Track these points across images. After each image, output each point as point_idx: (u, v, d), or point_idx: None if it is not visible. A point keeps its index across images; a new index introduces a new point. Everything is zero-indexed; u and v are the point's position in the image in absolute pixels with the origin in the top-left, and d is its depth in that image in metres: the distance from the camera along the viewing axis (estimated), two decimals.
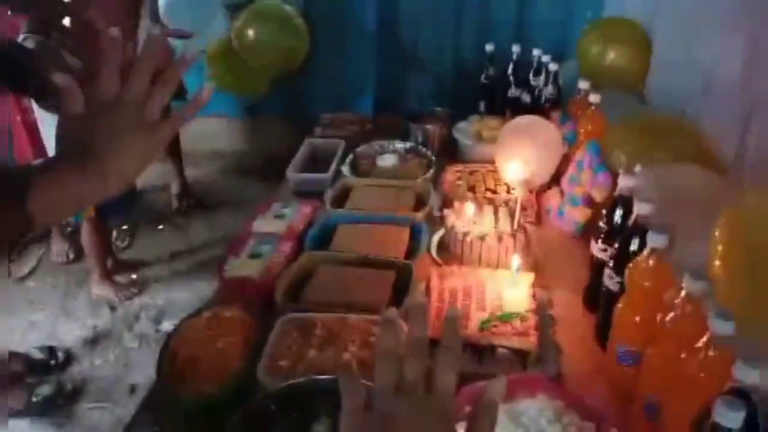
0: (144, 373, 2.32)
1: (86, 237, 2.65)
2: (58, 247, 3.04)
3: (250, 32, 2.73)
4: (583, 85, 1.76)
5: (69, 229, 2.99)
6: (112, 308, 2.75)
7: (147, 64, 0.68)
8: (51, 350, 2.46)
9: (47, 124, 2.28)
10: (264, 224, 1.61)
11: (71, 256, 3.02)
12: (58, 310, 2.75)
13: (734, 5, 1.53)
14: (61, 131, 0.71)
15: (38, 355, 2.42)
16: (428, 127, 2.16)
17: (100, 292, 2.78)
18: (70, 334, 2.62)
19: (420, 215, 1.60)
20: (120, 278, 2.88)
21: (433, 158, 1.94)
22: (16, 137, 2.77)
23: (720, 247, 0.88)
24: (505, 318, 1.20)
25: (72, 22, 1.61)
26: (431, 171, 1.86)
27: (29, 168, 0.66)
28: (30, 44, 1.87)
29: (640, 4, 2.28)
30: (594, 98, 1.65)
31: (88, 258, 2.75)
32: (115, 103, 0.66)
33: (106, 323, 2.68)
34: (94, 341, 2.59)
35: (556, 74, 1.96)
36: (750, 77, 1.44)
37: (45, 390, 2.28)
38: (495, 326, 1.18)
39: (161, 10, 2.88)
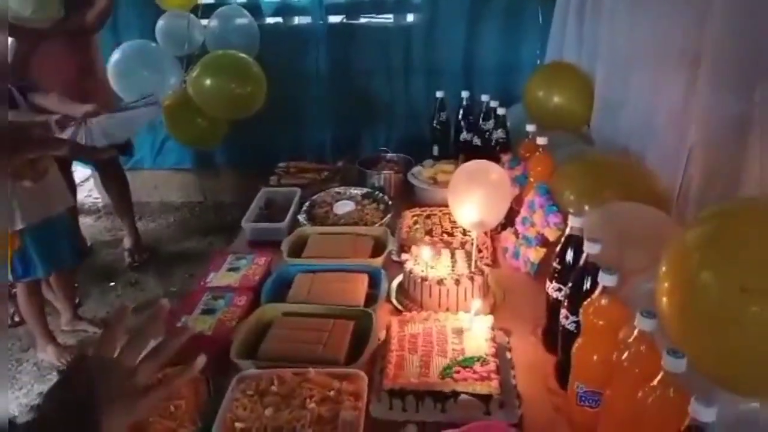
0: None
1: (21, 301, 2.54)
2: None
3: (207, 81, 2.73)
4: (530, 128, 1.82)
5: (14, 290, 2.85)
6: (61, 372, 2.61)
7: (148, 334, 0.72)
8: None
9: None
10: (218, 278, 1.57)
11: (16, 318, 2.86)
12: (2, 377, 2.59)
13: (669, 46, 1.61)
14: (56, 387, 0.70)
15: None
16: (384, 172, 2.18)
17: (44, 357, 2.64)
18: (14, 402, 2.46)
19: (378, 261, 1.60)
20: (83, 325, 2.79)
21: (390, 203, 1.96)
22: None
23: (665, 284, 0.90)
24: (466, 363, 1.19)
25: None
26: (388, 216, 1.87)
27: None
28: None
29: (576, 49, 2.40)
30: (541, 140, 1.70)
31: (27, 322, 2.62)
32: (110, 365, 0.68)
33: None
34: None
35: (504, 118, 2.02)
36: (688, 114, 1.51)
37: None
38: (457, 372, 1.16)
39: (113, 67, 2.88)
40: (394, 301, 1.51)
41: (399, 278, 1.58)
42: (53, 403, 0.68)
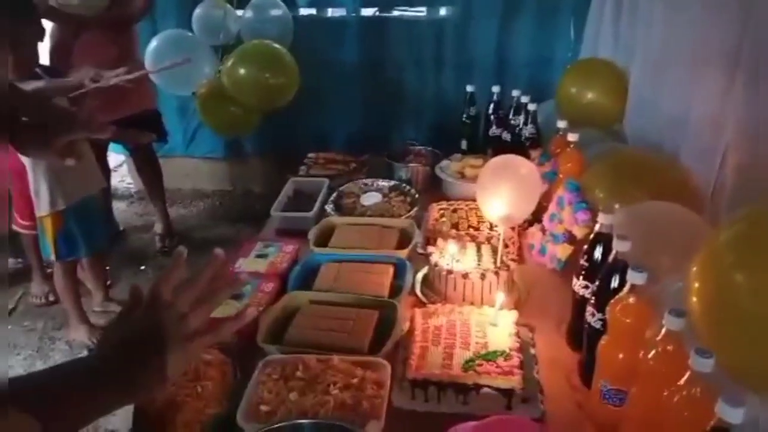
0: (123, 418, 2.24)
1: (57, 280, 2.61)
2: (38, 289, 2.98)
3: (241, 71, 2.76)
4: (561, 124, 1.80)
5: (50, 270, 2.94)
6: (92, 351, 2.68)
7: (203, 280, 0.73)
8: None
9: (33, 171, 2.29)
10: (246, 264, 1.60)
11: (51, 298, 2.96)
12: (35, 354, 2.68)
13: (708, 45, 1.58)
14: (106, 330, 0.72)
15: None
16: (411, 165, 2.18)
17: (75, 336, 2.72)
18: None
19: (404, 253, 1.60)
20: (114, 306, 2.86)
21: (417, 196, 1.96)
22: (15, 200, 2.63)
23: (696, 284, 0.88)
24: (490, 357, 1.19)
25: None
26: (415, 209, 1.87)
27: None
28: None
29: (611, 46, 2.36)
30: (572, 137, 1.69)
31: (63, 301, 2.70)
32: (162, 307, 0.69)
33: None
34: None
35: (534, 114, 2.00)
36: (725, 114, 1.48)
37: None
38: (479, 365, 1.17)
39: (150, 55, 2.93)
40: (419, 293, 1.52)
41: (424, 270, 1.58)
42: (112, 342, 0.69)
